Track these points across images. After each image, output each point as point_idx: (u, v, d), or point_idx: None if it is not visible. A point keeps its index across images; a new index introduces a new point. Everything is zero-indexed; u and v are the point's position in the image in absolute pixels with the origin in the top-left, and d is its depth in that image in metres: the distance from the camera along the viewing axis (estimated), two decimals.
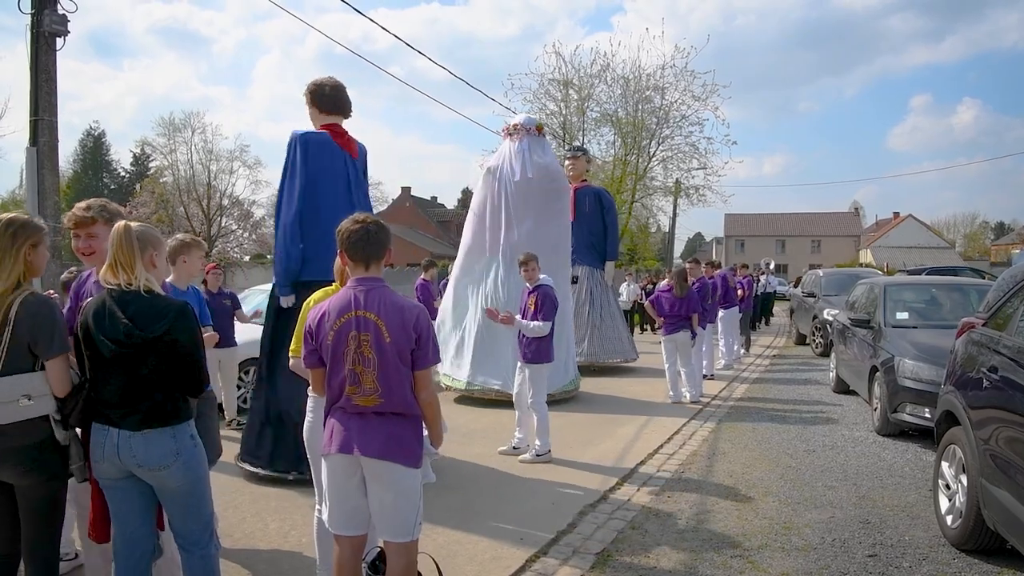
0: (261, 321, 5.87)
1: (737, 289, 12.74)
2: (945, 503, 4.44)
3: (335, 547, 2.90)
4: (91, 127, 60.34)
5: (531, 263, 6.17)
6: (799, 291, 17.01)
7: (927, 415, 6.24)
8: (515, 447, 6.25)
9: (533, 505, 4.94)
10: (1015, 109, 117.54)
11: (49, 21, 7.13)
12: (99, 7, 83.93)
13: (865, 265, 44.66)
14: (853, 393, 9.04)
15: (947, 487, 4.43)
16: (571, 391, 8.83)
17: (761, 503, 5.00)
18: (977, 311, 4.89)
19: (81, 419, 2.74)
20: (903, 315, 7.98)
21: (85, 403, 2.71)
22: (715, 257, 51.89)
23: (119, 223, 2.76)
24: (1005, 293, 4.39)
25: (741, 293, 13.06)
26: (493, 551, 4.10)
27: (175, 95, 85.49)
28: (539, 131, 8.95)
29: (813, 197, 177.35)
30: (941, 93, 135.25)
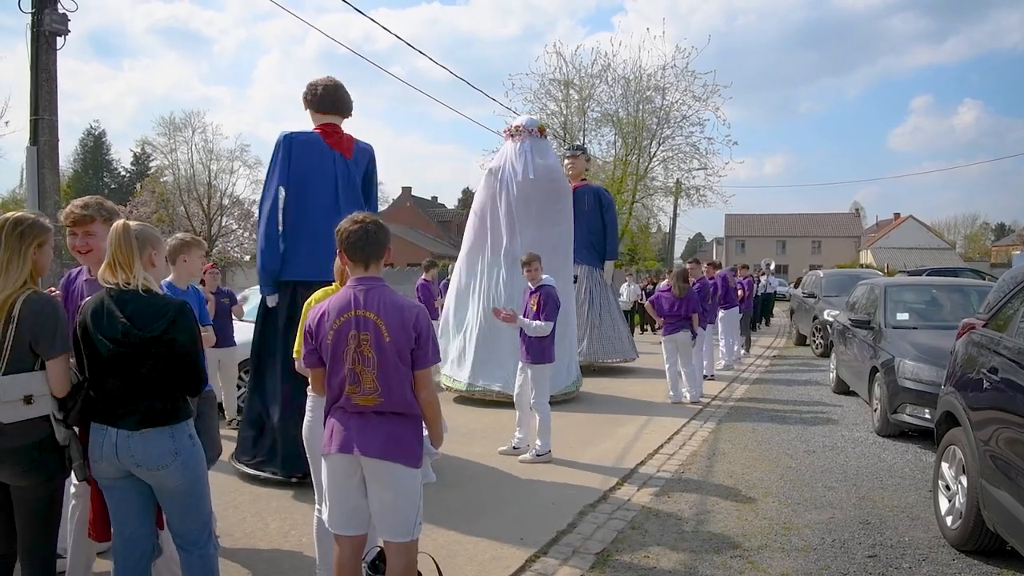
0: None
1: (737, 290, 12.73)
2: (945, 504, 4.43)
3: (335, 547, 2.90)
4: (91, 126, 60.60)
5: (534, 263, 6.15)
6: (799, 292, 17.01)
7: (927, 416, 6.23)
8: (515, 447, 6.24)
9: (533, 505, 4.94)
10: (1016, 110, 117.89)
11: (49, 20, 7.15)
12: (99, 7, 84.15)
13: (865, 266, 44.65)
14: (853, 394, 9.04)
15: (947, 488, 4.43)
16: (572, 392, 8.82)
17: (761, 503, 5.00)
18: (977, 312, 4.89)
19: (80, 419, 2.74)
20: (903, 316, 7.99)
21: (84, 403, 2.71)
22: (715, 257, 51.77)
23: (118, 222, 2.76)
24: (1005, 294, 4.39)
25: (741, 294, 13.06)
26: (493, 551, 4.09)
27: (175, 95, 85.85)
28: (541, 132, 8.96)
29: (814, 198, 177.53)
30: (942, 94, 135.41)
